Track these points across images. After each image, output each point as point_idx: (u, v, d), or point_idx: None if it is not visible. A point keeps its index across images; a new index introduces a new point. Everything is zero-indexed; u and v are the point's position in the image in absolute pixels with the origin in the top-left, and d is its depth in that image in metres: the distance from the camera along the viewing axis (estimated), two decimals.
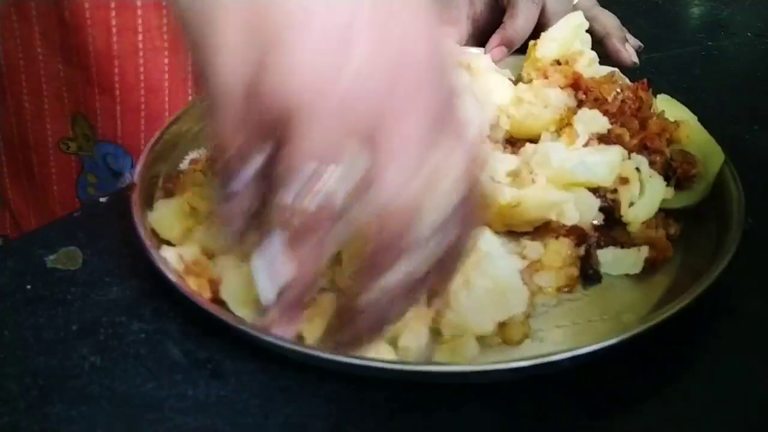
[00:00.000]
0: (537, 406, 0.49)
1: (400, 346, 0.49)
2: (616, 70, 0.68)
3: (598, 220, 0.58)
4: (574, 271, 0.56)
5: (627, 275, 0.57)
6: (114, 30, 0.74)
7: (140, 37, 0.75)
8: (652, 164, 0.59)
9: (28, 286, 0.55)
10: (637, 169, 0.58)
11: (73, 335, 0.52)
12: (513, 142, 0.63)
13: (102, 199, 0.63)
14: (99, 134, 0.79)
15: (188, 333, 0.52)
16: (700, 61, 0.86)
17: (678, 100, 0.66)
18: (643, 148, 0.60)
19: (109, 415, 0.47)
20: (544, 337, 0.53)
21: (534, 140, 0.61)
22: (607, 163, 0.57)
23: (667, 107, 0.64)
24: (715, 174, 0.60)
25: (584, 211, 0.57)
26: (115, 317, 0.53)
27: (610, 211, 0.58)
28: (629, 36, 0.80)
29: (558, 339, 0.53)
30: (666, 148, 0.61)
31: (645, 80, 0.65)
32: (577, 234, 0.57)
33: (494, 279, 0.52)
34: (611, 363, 0.49)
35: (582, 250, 0.57)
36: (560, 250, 0.56)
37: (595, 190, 0.57)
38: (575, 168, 0.57)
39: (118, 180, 0.80)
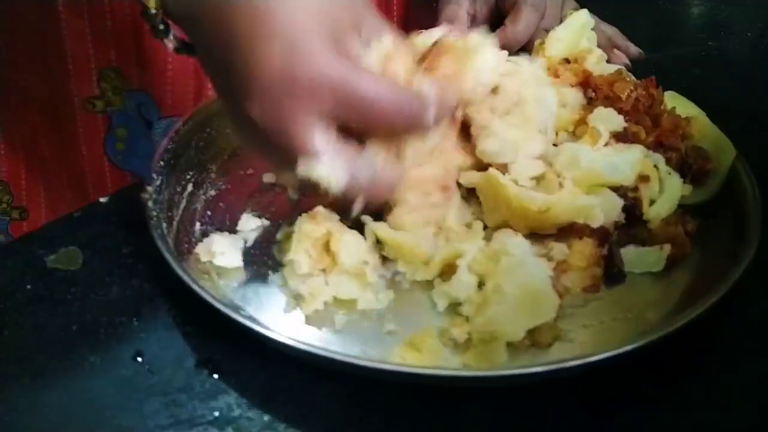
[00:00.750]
0: (537, 406, 0.49)
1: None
2: (623, 67, 0.67)
3: (620, 219, 0.57)
4: (599, 271, 0.56)
5: (647, 272, 0.57)
6: None
7: None
8: (667, 161, 0.59)
9: (28, 286, 0.55)
10: (656, 166, 0.58)
11: (73, 335, 0.52)
12: None
13: (102, 199, 0.63)
14: (129, 84, 0.78)
15: (188, 333, 0.52)
16: (700, 61, 0.86)
17: None
18: (657, 145, 0.60)
19: (110, 415, 0.47)
20: (573, 338, 0.52)
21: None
22: (629, 162, 0.57)
23: (676, 104, 0.64)
24: (728, 168, 0.60)
25: (608, 211, 0.56)
26: (115, 317, 0.53)
27: (631, 210, 0.57)
28: (629, 44, 0.80)
29: (586, 339, 0.52)
30: (681, 144, 0.61)
31: (653, 77, 0.64)
32: (599, 234, 0.56)
33: (525, 286, 0.52)
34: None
35: (605, 250, 0.56)
36: (584, 250, 0.56)
37: (617, 189, 0.57)
38: (604, 169, 0.56)
39: (150, 129, 0.79)
